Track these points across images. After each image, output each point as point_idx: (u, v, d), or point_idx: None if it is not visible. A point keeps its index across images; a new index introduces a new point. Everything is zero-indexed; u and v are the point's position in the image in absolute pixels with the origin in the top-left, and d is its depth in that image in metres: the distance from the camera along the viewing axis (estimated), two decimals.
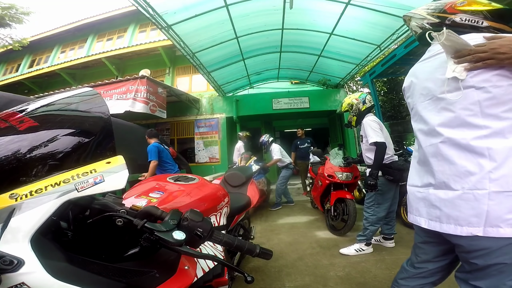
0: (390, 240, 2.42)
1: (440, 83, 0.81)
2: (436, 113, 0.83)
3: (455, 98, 0.76)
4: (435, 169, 0.83)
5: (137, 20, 8.87)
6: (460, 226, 0.75)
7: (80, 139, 0.59)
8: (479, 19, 0.83)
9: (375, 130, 2.13)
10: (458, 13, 0.86)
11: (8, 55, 10.34)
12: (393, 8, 3.43)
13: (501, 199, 0.69)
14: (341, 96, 7.01)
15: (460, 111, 0.75)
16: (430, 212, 0.84)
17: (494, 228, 0.70)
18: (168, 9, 3.32)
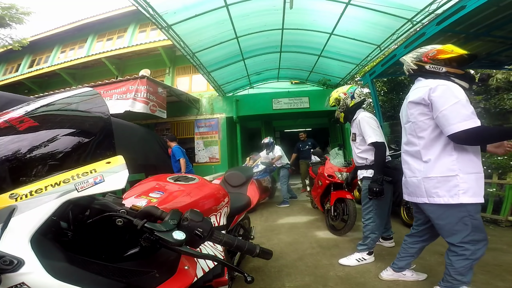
0: (389, 240, 2.34)
1: (404, 117, 1.47)
2: (404, 135, 1.49)
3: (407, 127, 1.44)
4: (403, 166, 1.51)
5: (137, 20, 8.87)
6: (417, 197, 1.38)
7: (80, 139, 0.59)
8: (440, 66, 1.32)
9: (374, 129, 1.91)
10: (428, 62, 1.35)
11: (8, 55, 10.33)
12: (393, 8, 3.43)
13: (428, 181, 1.30)
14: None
15: (408, 135, 1.42)
16: (405, 191, 1.51)
17: (431, 198, 1.30)
18: (168, 9, 3.32)
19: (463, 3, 2.86)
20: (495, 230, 2.66)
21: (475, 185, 1.20)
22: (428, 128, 1.29)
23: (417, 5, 3.35)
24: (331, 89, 7.09)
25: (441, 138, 1.26)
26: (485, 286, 1.62)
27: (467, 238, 1.24)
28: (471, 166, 1.21)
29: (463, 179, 1.20)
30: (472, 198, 1.20)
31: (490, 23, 3.31)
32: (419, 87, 1.33)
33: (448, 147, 1.24)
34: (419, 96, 1.30)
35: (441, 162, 1.25)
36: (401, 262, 1.68)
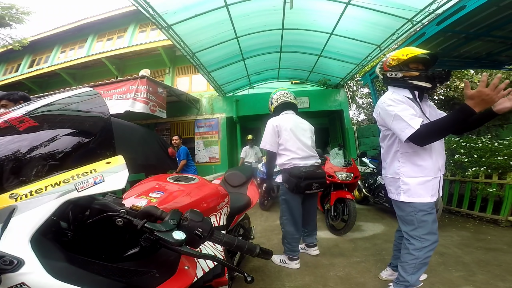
0: (313, 248, 2.25)
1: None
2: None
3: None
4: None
5: (137, 20, 8.87)
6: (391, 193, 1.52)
7: (80, 139, 0.59)
8: (397, 72, 1.41)
9: (266, 135, 2.00)
10: (388, 70, 1.46)
11: (8, 55, 10.34)
12: (393, 8, 3.43)
13: (386, 179, 1.53)
14: (341, 96, 7.01)
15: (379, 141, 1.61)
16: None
17: (389, 193, 1.52)
18: (168, 9, 3.32)
19: (463, 3, 2.87)
20: (495, 230, 2.66)
21: (416, 187, 1.36)
22: (385, 138, 1.49)
23: (417, 5, 3.35)
24: (331, 89, 7.09)
25: (393, 146, 1.45)
26: (485, 286, 1.62)
27: (413, 233, 1.38)
28: (414, 171, 1.37)
29: (403, 182, 1.40)
30: (411, 198, 1.37)
31: (490, 23, 3.31)
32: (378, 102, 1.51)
33: (397, 154, 1.43)
34: (376, 112, 1.50)
35: (392, 166, 1.47)
36: (396, 261, 1.69)
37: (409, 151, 1.37)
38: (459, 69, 6.23)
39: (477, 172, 2.98)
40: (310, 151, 2.04)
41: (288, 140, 1.97)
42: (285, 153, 1.98)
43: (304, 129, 2.09)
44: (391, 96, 1.37)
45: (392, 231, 2.82)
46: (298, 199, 2.02)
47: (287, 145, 1.96)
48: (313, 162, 2.02)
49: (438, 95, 7.82)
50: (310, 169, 1.93)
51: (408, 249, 1.39)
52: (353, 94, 12.00)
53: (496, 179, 2.83)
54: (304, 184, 1.87)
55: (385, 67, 1.47)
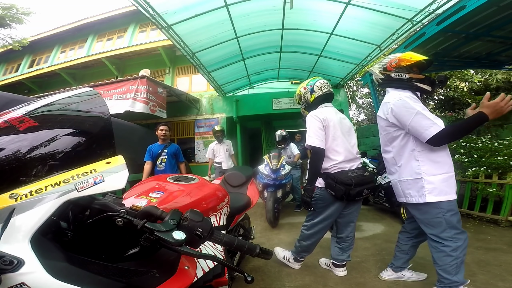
0: (341, 268, 1.88)
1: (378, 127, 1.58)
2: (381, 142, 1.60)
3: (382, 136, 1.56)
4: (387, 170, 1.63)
5: (137, 20, 8.87)
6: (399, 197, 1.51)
7: (80, 139, 0.59)
8: (404, 73, 1.42)
9: (313, 130, 1.64)
10: (392, 70, 1.45)
11: (8, 55, 10.34)
12: (393, 8, 3.43)
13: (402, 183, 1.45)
14: (341, 96, 7.01)
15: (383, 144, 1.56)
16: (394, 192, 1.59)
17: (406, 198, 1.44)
18: (168, 9, 3.32)
19: (463, 3, 2.87)
20: (495, 230, 2.66)
21: (441, 185, 1.32)
22: (396, 138, 1.43)
23: (417, 5, 3.34)
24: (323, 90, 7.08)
25: (408, 145, 1.39)
26: (485, 286, 1.61)
27: (444, 234, 1.34)
28: (435, 168, 1.33)
29: (427, 181, 1.33)
30: (438, 197, 1.31)
31: (490, 23, 3.31)
32: (384, 101, 1.46)
33: (414, 152, 1.37)
34: (383, 113, 1.45)
35: (409, 167, 1.39)
36: (397, 261, 1.70)
37: (426, 148, 1.34)
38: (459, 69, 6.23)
39: (477, 172, 2.98)
40: (355, 152, 1.75)
41: (336, 138, 1.67)
42: (330, 154, 1.66)
43: (349, 126, 1.80)
44: (406, 94, 1.36)
45: (392, 231, 2.82)
46: (341, 206, 1.72)
47: (334, 144, 1.66)
48: (358, 164, 1.74)
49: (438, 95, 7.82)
50: (358, 174, 1.65)
51: (445, 251, 1.34)
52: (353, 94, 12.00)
53: (496, 179, 2.83)
54: (355, 192, 1.59)
55: (389, 67, 1.47)
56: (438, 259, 1.38)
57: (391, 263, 1.76)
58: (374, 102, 5.89)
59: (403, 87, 1.42)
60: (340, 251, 1.87)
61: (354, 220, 1.84)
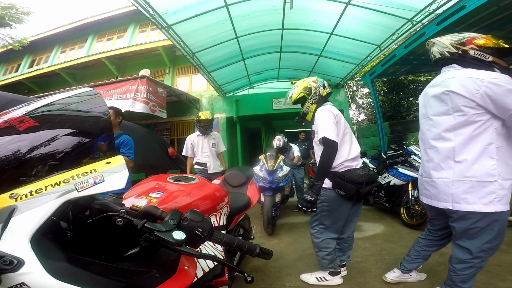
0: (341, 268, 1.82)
1: (434, 108, 1.27)
2: (429, 128, 1.31)
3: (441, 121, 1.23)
4: (425, 165, 1.34)
5: (137, 20, 8.86)
6: (439, 201, 1.24)
7: (80, 139, 0.59)
8: (487, 54, 1.17)
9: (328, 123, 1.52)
10: (474, 48, 1.18)
11: (8, 55, 10.34)
12: (393, 8, 3.43)
13: (458, 184, 1.15)
14: (341, 96, 7.01)
15: (444, 129, 1.21)
16: (424, 193, 1.36)
17: (457, 204, 1.15)
18: (168, 9, 3.32)
19: (463, 3, 2.87)
20: None
21: (509, 192, 1.10)
22: (473, 124, 1.11)
23: (417, 5, 3.35)
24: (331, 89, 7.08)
25: (483, 137, 1.10)
26: (485, 286, 1.62)
27: (485, 246, 1.16)
28: (508, 172, 1.10)
29: (501, 185, 1.08)
30: (505, 206, 1.10)
31: (490, 23, 3.31)
32: (461, 76, 1.14)
33: (490, 148, 1.09)
34: (466, 90, 1.11)
35: (479, 165, 1.10)
36: (411, 265, 1.60)
37: (504, 145, 1.10)
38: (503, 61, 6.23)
39: None
40: (359, 150, 1.70)
41: (344, 135, 1.60)
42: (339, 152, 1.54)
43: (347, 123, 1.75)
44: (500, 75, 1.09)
45: (392, 231, 2.82)
46: (349, 206, 1.63)
47: (343, 141, 1.58)
48: (361, 163, 1.71)
49: None
50: (365, 172, 1.60)
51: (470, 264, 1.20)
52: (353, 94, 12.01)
53: None
54: (366, 190, 1.52)
55: (469, 43, 1.20)
56: (460, 270, 1.23)
57: (402, 265, 1.64)
58: (374, 102, 5.89)
59: (480, 68, 1.16)
60: (340, 252, 1.85)
61: (356, 220, 1.80)
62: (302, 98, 1.75)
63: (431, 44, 1.34)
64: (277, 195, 3.13)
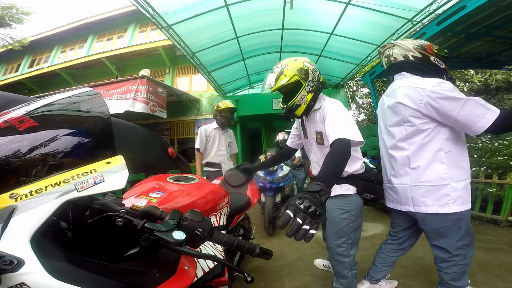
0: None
1: (390, 118, 1.30)
2: (387, 138, 1.36)
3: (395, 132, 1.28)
4: (386, 172, 1.39)
5: (137, 20, 8.87)
6: (401, 205, 1.29)
7: (80, 139, 0.59)
8: (442, 62, 1.26)
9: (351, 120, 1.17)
10: (433, 54, 1.25)
11: (8, 55, 10.34)
12: (393, 8, 3.43)
13: (415, 189, 1.20)
14: (341, 96, 7.01)
15: (398, 139, 1.27)
16: (388, 198, 1.41)
17: (417, 207, 1.20)
18: (168, 9, 3.32)
19: (463, 3, 2.87)
20: (495, 230, 2.66)
21: (464, 193, 1.15)
22: (422, 133, 1.17)
23: (417, 5, 3.35)
24: (331, 89, 7.07)
25: (433, 143, 1.16)
26: (485, 286, 1.61)
27: (458, 243, 1.20)
28: (461, 173, 1.15)
29: (453, 188, 1.13)
30: (461, 207, 1.14)
31: (490, 23, 3.31)
32: (412, 86, 1.17)
33: (440, 153, 1.14)
34: (411, 100, 1.15)
35: (431, 170, 1.16)
36: (379, 274, 1.54)
37: (453, 149, 1.15)
38: (459, 69, 6.24)
39: (477, 172, 2.98)
40: None
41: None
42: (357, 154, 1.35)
43: None
44: (441, 81, 1.12)
45: None
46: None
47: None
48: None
49: None
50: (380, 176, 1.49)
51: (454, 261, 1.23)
52: (353, 94, 12.01)
53: (496, 179, 2.83)
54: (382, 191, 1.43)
55: (430, 50, 1.24)
56: (446, 268, 1.26)
57: (369, 276, 1.57)
58: (374, 102, 5.89)
59: (435, 76, 1.19)
60: None
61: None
62: (295, 83, 1.27)
63: (390, 46, 1.34)
64: (278, 195, 3.17)
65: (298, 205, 0.66)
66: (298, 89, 1.29)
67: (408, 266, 1.91)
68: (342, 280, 1.41)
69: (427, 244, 1.40)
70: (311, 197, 0.68)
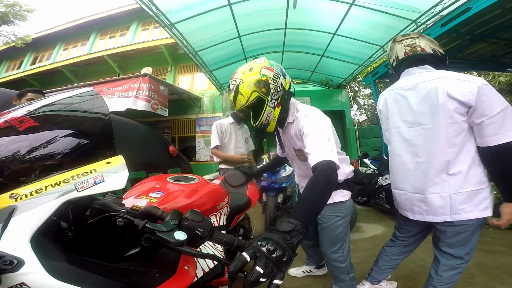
0: (323, 268, 1.92)
1: (424, 116, 1.13)
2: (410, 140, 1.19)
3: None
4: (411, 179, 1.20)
5: (139, 18, 8.88)
6: (436, 216, 1.13)
7: (80, 139, 0.59)
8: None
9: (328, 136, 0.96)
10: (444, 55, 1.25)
11: (10, 52, 10.36)
12: (398, 9, 3.41)
13: (456, 197, 1.08)
14: (343, 97, 6.99)
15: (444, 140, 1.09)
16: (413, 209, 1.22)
17: (456, 215, 1.09)
18: (171, 8, 3.32)
19: (469, 5, 2.85)
20: (495, 232, 2.65)
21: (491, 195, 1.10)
22: (462, 132, 1.04)
23: (422, 7, 3.32)
24: (333, 89, 7.05)
25: (470, 145, 1.06)
26: None
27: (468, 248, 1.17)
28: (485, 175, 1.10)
29: (489, 190, 1.08)
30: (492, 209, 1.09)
31: (496, 25, 3.29)
32: (448, 78, 1.05)
33: (476, 155, 1.06)
34: (460, 93, 1.00)
35: (472, 175, 1.06)
36: (381, 275, 1.55)
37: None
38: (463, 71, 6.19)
39: None
40: None
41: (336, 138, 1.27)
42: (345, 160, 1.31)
43: None
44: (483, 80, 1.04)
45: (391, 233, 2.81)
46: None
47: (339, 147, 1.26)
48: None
49: None
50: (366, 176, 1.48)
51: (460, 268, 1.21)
52: (355, 94, 11.97)
53: None
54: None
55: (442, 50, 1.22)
56: (450, 277, 1.21)
57: (371, 276, 1.57)
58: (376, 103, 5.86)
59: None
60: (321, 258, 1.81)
61: None
62: (257, 99, 1.04)
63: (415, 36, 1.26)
64: (280, 195, 3.13)
65: (260, 248, 0.51)
66: (262, 105, 1.07)
67: (408, 267, 1.91)
68: (341, 284, 1.42)
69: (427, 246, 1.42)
70: (279, 238, 0.54)
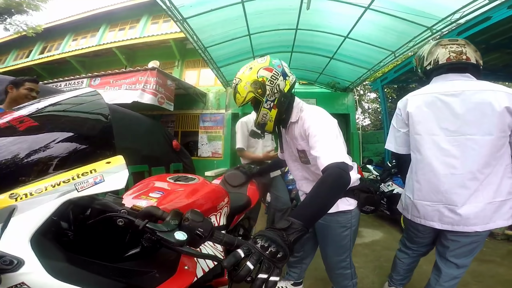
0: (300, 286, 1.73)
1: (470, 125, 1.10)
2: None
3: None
4: (440, 189, 1.17)
5: (150, 11, 8.89)
6: (465, 226, 1.12)
7: (80, 140, 0.59)
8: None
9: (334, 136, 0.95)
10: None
11: (21, 40, 10.44)
12: (414, 15, 3.33)
13: (489, 207, 1.09)
14: (349, 100, 6.91)
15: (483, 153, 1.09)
16: (443, 220, 1.18)
17: (486, 225, 1.10)
18: (184, 2, 3.31)
19: (489, 14, 2.77)
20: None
21: None
22: (504, 145, 1.09)
23: (439, 14, 3.22)
24: (339, 92, 6.96)
25: (506, 157, 1.10)
26: None
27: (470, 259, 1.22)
28: None
29: None
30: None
31: None
32: (499, 90, 1.07)
33: (508, 168, 1.11)
34: (504, 104, 1.03)
35: (503, 185, 1.10)
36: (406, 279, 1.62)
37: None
38: None
39: None
40: None
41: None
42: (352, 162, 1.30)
43: None
44: None
45: (391, 238, 2.79)
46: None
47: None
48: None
49: None
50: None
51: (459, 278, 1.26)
52: (360, 98, 11.84)
53: None
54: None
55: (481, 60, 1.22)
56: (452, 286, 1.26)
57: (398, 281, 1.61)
58: (382, 109, 5.79)
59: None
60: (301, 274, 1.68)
61: None
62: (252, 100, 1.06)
63: (463, 43, 1.19)
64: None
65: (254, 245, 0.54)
66: (258, 106, 1.06)
67: None
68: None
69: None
70: (274, 235, 0.55)
